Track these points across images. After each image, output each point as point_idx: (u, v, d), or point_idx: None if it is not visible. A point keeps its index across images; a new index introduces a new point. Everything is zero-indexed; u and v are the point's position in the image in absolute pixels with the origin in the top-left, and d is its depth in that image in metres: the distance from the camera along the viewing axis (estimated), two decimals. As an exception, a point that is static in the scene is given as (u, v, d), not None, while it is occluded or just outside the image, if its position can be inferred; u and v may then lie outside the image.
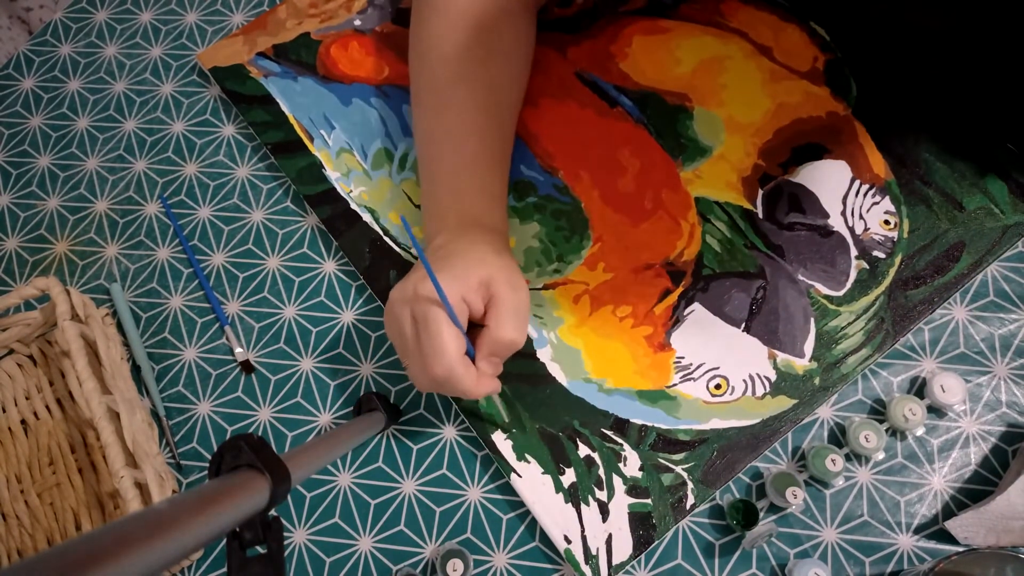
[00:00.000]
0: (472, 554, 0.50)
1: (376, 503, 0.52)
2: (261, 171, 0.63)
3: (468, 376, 0.43)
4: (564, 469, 0.50)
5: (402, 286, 0.45)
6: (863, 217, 0.53)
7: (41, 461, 0.56)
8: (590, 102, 0.59)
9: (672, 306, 0.53)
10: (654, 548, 0.49)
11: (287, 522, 0.52)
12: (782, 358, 0.51)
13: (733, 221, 0.55)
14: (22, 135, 0.67)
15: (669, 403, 0.51)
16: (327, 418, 0.55)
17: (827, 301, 0.52)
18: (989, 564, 0.42)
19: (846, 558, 0.47)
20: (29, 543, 0.54)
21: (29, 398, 0.58)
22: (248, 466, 0.31)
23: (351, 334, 0.57)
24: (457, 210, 0.50)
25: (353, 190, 0.59)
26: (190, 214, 0.62)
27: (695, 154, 0.57)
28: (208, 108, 0.66)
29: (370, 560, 0.51)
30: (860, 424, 0.48)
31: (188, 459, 0.55)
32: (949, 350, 0.51)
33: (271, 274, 0.59)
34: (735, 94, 0.58)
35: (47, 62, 0.70)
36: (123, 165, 0.65)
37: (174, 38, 0.70)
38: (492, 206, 0.51)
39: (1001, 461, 0.48)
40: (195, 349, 0.58)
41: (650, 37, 0.61)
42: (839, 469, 0.47)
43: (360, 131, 0.61)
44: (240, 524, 0.30)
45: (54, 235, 0.63)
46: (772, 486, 0.47)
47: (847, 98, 0.57)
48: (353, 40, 0.65)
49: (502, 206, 0.52)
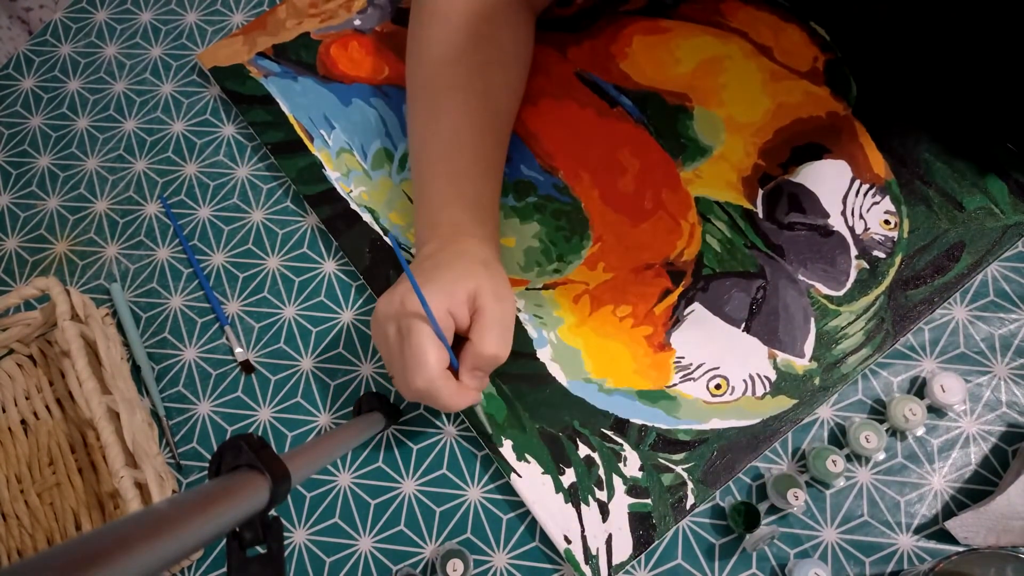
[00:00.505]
0: (472, 554, 0.50)
1: (376, 503, 0.52)
2: (261, 171, 0.63)
3: (447, 389, 0.44)
4: (564, 469, 0.50)
5: (389, 297, 0.45)
6: (863, 217, 0.53)
7: (41, 461, 0.56)
8: (590, 102, 0.59)
9: (672, 306, 0.53)
10: (654, 548, 0.49)
11: (287, 522, 0.52)
12: (782, 358, 0.51)
13: (733, 221, 0.54)
14: (22, 135, 0.67)
15: (669, 403, 0.51)
16: (327, 418, 0.55)
17: (827, 301, 0.52)
18: (989, 564, 0.42)
19: (846, 558, 0.47)
20: (29, 543, 0.54)
21: (29, 398, 0.58)
22: (248, 466, 0.31)
23: (351, 334, 0.57)
24: (448, 219, 0.49)
25: (353, 190, 0.59)
26: (190, 214, 0.62)
27: (695, 154, 0.57)
28: (208, 108, 0.66)
29: (370, 560, 0.51)
30: (860, 425, 0.48)
31: (188, 459, 0.55)
32: (949, 350, 0.51)
33: (271, 274, 0.59)
34: (735, 94, 0.58)
35: (47, 62, 0.70)
36: (123, 165, 0.65)
37: (174, 38, 0.70)
38: (483, 216, 0.50)
39: (1001, 461, 0.48)
40: (195, 349, 0.58)
41: (650, 37, 0.61)
42: (840, 470, 0.47)
43: (360, 131, 0.61)
44: (240, 524, 0.30)
45: (54, 235, 0.63)
46: (773, 488, 0.47)
47: (847, 98, 0.57)
48: (353, 40, 0.65)
49: (494, 216, 0.52)
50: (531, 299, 0.54)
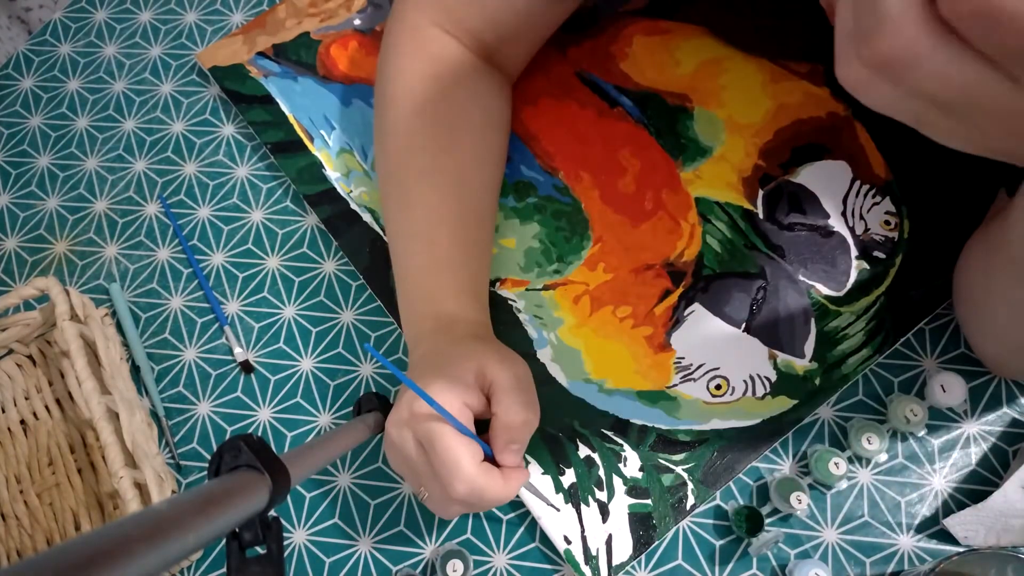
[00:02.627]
0: (472, 555, 0.50)
1: (376, 503, 0.52)
2: (261, 171, 0.63)
3: (494, 484, 0.40)
4: (564, 469, 0.50)
5: (396, 412, 0.42)
6: (864, 217, 0.53)
7: (40, 461, 0.56)
8: (590, 102, 0.59)
9: (672, 306, 0.53)
10: (654, 548, 0.49)
11: (287, 522, 0.52)
12: (782, 358, 0.51)
13: (733, 221, 0.54)
14: (21, 135, 0.67)
15: (669, 403, 0.51)
16: (327, 418, 0.55)
17: (827, 301, 0.52)
18: (989, 564, 0.42)
19: (847, 558, 0.47)
20: (29, 543, 0.54)
21: (28, 398, 0.58)
22: (248, 466, 0.31)
23: (351, 334, 0.57)
24: (432, 314, 0.47)
25: (353, 190, 0.59)
26: (190, 214, 0.62)
27: (695, 154, 0.57)
28: (208, 108, 0.66)
29: (370, 560, 0.51)
30: (862, 426, 0.48)
31: (188, 459, 0.55)
32: (949, 350, 0.51)
33: (271, 274, 0.59)
34: (735, 94, 0.58)
35: (46, 62, 0.70)
36: (123, 165, 0.65)
37: (174, 38, 0.70)
38: (468, 303, 0.48)
39: (1001, 461, 0.48)
40: (195, 349, 0.58)
41: (651, 37, 0.61)
42: (842, 472, 0.47)
43: (360, 131, 0.61)
44: (240, 524, 0.30)
45: (53, 235, 0.63)
46: (776, 491, 0.47)
47: (847, 99, 0.57)
48: (353, 40, 0.65)
49: (480, 300, 0.49)
50: (531, 300, 0.54)
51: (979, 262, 0.45)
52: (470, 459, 0.39)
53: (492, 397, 0.42)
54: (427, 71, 0.51)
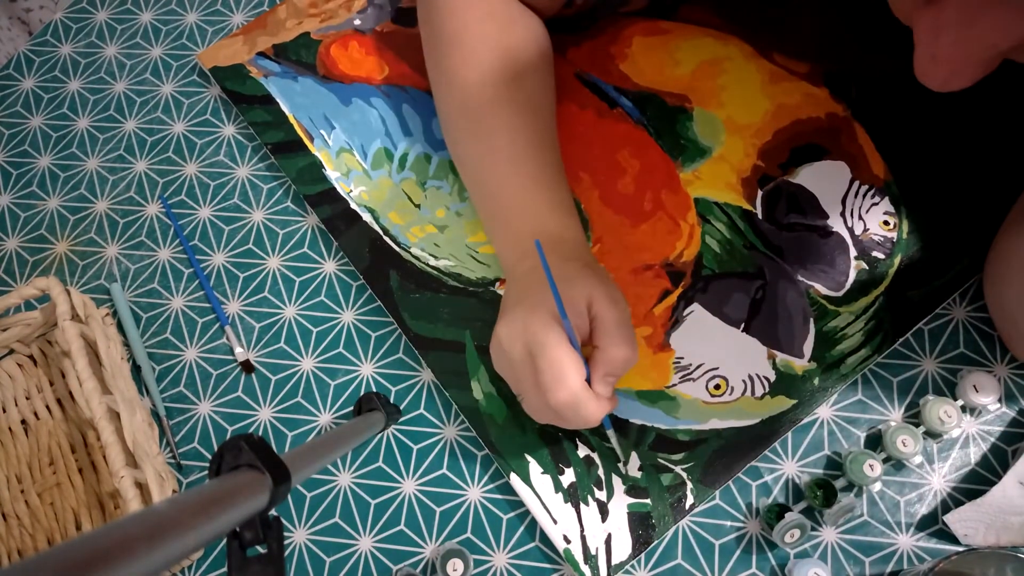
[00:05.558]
0: (472, 554, 0.50)
1: (376, 503, 0.52)
2: (261, 171, 0.63)
3: (592, 400, 0.43)
4: (564, 469, 0.50)
5: (508, 321, 0.44)
6: (862, 218, 0.53)
7: (41, 461, 0.57)
8: (590, 103, 0.59)
9: (671, 307, 0.53)
10: (653, 548, 0.49)
11: (287, 522, 0.52)
12: (781, 358, 0.51)
13: (732, 222, 0.55)
14: (22, 135, 0.67)
15: (668, 403, 0.51)
16: (327, 418, 0.55)
17: (826, 301, 0.52)
18: (989, 564, 0.42)
19: (846, 558, 0.47)
20: (29, 543, 0.54)
21: (29, 398, 0.58)
22: (248, 466, 0.31)
23: (351, 334, 0.57)
24: (534, 231, 0.48)
25: (353, 190, 0.59)
26: (190, 214, 0.62)
27: (695, 155, 0.57)
28: (208, 108, 0.66)
29: (370, 560, 0.51)
30: (896, 429, 0.48)
31: (188, 459, 0.55)
32: (949, 350, 0.51)
33: (271, 274, 0.59)
34: (735, 95, 0.58)
35: (47, 62, 0.71)
36: (123, 165, 0.65)
37: (174, 38, 0.70)
38: (567, 221, 0.50)
39: (1001, 461, 0.48)
40: (195, 349, 0.58)
41: (650, 38, 0.61)
42: (877, 474, 0.47)
43: (360, 131, 0.61)
44: (240, 524, 0.30)
45: (54, 235, 0.63)
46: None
47: (846, 99, 0.57)
48: (353, 40, 0.65)
49: (576, 219, 0.51)
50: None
51: (1019, 244, 0.46)
52: (577, 373, 0.42)
53: (596, 330, 0.44)
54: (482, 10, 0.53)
